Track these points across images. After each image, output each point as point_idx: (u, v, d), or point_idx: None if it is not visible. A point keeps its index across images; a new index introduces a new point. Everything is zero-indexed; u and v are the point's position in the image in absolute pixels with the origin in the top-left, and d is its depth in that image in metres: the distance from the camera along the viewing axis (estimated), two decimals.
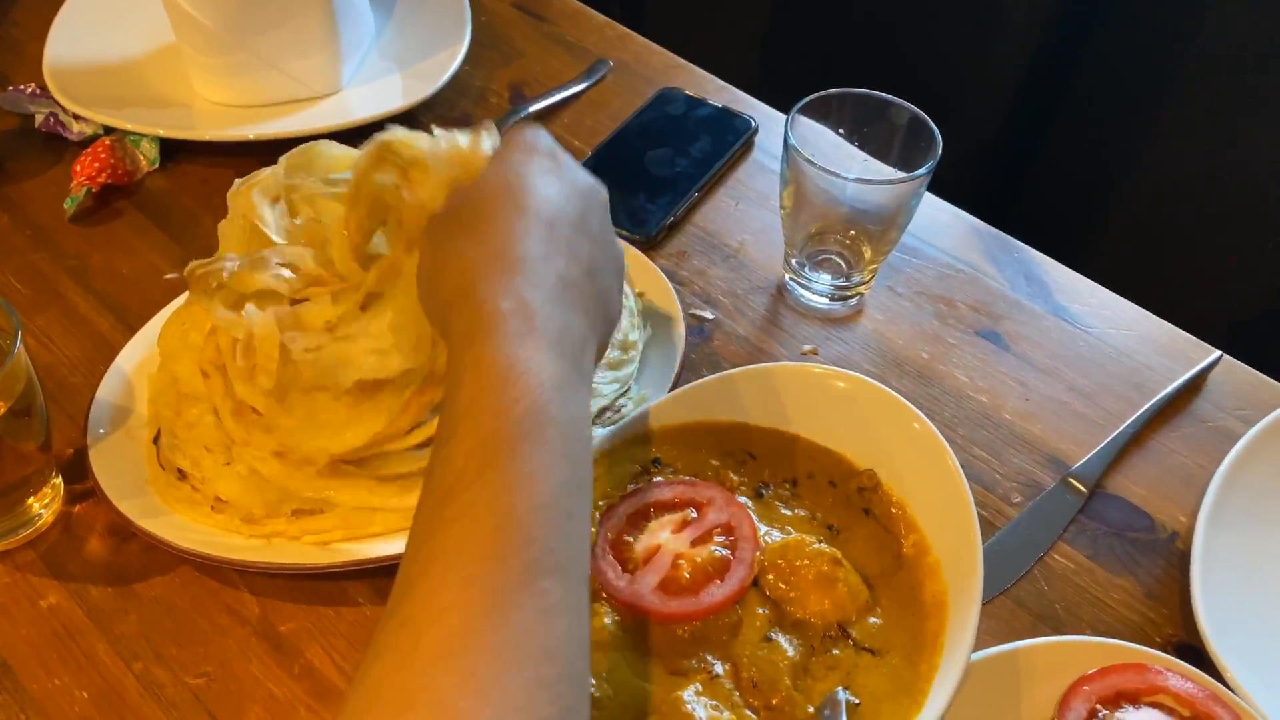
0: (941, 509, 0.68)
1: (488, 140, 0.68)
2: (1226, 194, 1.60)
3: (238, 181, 0.79)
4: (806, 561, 0.65)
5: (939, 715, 0.59)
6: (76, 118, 1.03)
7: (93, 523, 0.75)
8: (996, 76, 1.80)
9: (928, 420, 0.69)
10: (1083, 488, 0.80)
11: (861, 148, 0.90)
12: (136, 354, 0.82)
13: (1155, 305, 0.95)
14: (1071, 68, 1.68)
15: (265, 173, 0.79)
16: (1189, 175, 1.61)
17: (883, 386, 0.72)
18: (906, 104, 0.86)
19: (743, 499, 0.70)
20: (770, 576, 0.65)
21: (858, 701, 0.61)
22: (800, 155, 0.84)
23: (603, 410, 0.79)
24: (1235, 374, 0.90)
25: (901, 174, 0.86)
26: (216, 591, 0.72)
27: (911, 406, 0.70)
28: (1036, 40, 1.66)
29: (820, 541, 0.66)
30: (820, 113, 0.88)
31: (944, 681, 0.60)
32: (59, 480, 0.76)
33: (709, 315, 0.92)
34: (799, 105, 0.86)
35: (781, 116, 0.96)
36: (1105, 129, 1.73)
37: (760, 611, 0.64)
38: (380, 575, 0.73)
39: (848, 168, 0.86)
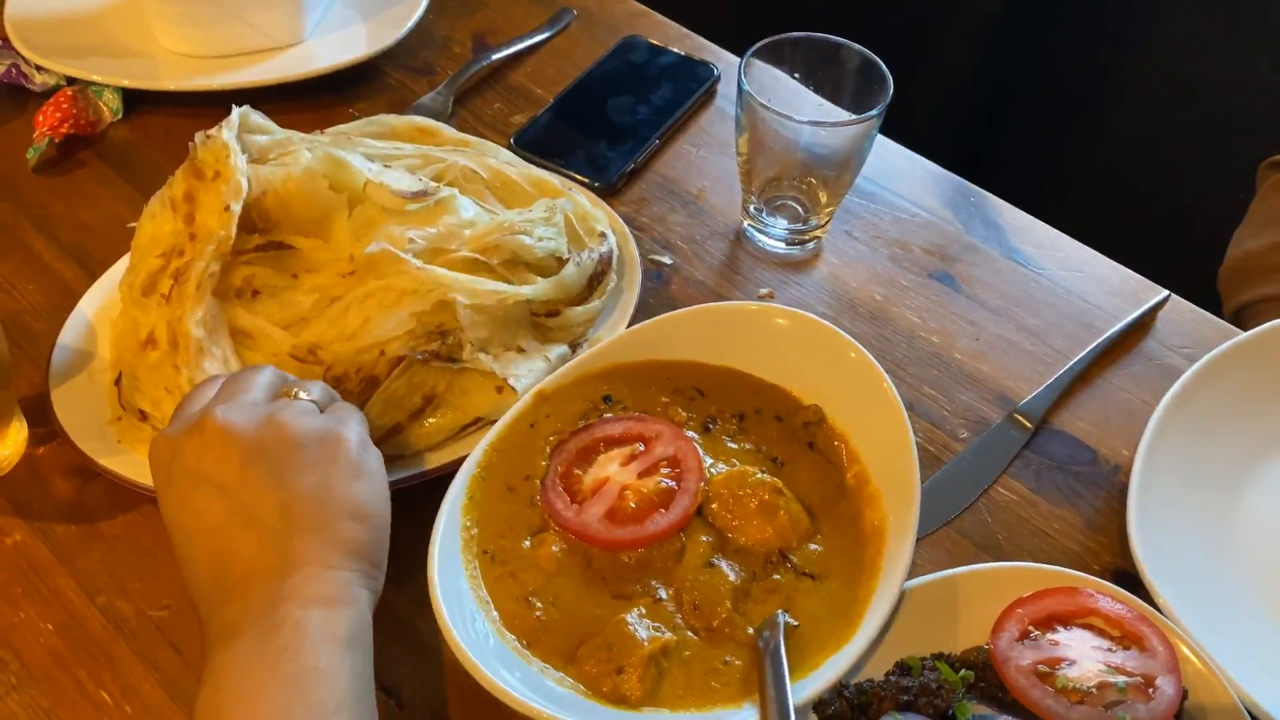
0: (882, 441, 0.69)
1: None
2: (1187, 144, 1.62)
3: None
4: (749, 491, 0.67)
5: (874, 634, 0.61)
6: (39, 69, 1.03)
7: (56, 464, 0.77)
8: (969, 26, 1.80)
9: (864, 350, 0.71)
10: (1028, 423, 0.82)
11: (816, 92, 0.91)
12: (98, 300, 0.83)
13: (1114, 251, 0.96)
14: (1042, 24, 1.69)
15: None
16: (1152, 125, 1.62)
17: (820, 320, 0.74)
18: (858, 46, 0.87)
19: (690, 433, 0.72)
20: (714, 506, 0.67)
21: (796, 623, 0.63)
22: (755, 100, 0.84)
23: (575, 345, 0.80)
24: (1183, 313, 0.91)
25: (854, 116, 0.87)
26: None
27: (848, 337, 0.72)
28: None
29: (763, 472, 0.68)
30: (774, 57, 0.89)
31: (880, 603, 0.62)
32: (23, 423, 0.77)
33: (667, 260, 0.93)
34: (752, 50, 0.87)
35: None
36: (1075, 80, 1.74)
37: (704, 539, 0.66)
38: None
39: (803, 112, 0.87)
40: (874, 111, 0.84)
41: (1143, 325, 0.90)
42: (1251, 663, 0.67)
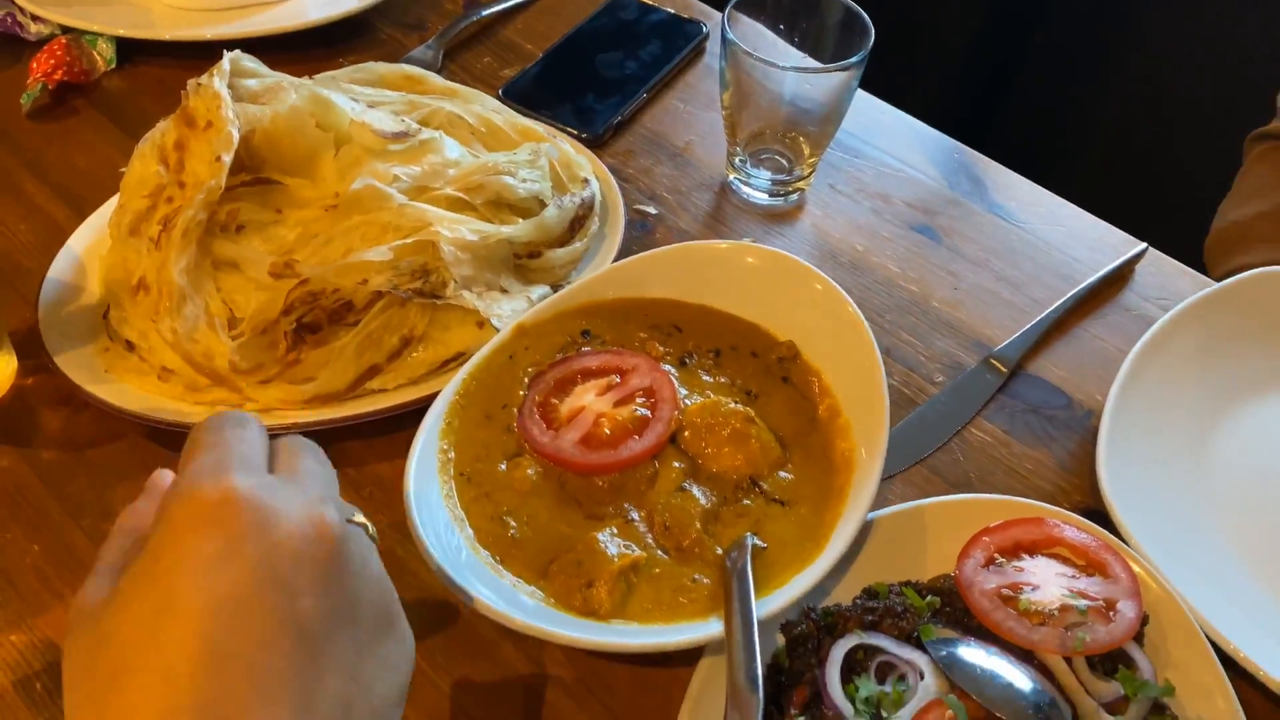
0: (854, 374, 0.71)
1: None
2: (1184, 113, 1.63)
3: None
4: (721, 420, 0.68)
5: (839, 555, 0.63)
6: (34, 18, 1.05)
7: (45, 394, 0.78)
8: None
9: (831, 280, 0.72)
10: (1003, 368, 0.83)
11: (799, 46, 0.92)
12: (88, 237, 0.84)
13: (1107, 214, 0.97)
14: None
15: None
16: (1149, 95, 1.63)
17: (787, 254, 0.75)
18: None
19: (667, 367, 0.73)
20: (688, 434, 0.69)
21: (764, 545, 0.65)
22: (739, 48, 0.85)
23: (556, 286, 0.81)
24: (1161, 266, 0.93)
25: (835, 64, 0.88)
26: (162, 456, 0.75)
27: (816, 270, 0.73)
28: None
29: (736, 402, 0.69)
30: (757, 9, 0.90)
31: (845, 526, 0.64)
32: (12, 355, 0.79)
33: (652, 210, 0.95)
34: (732, 4, 0.88)
35: None
36: (1074, 49, 1.75)
37: (677, 465, 0.67)
38: (322, 440, 0.75)
39: (786, 63, 0.88)
40: (854, 59, 0.85)
41: (1121, 277, 0.91)
42: (1213, 592, 0.68)
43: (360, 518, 0.48)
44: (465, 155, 0.82)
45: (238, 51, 0.83)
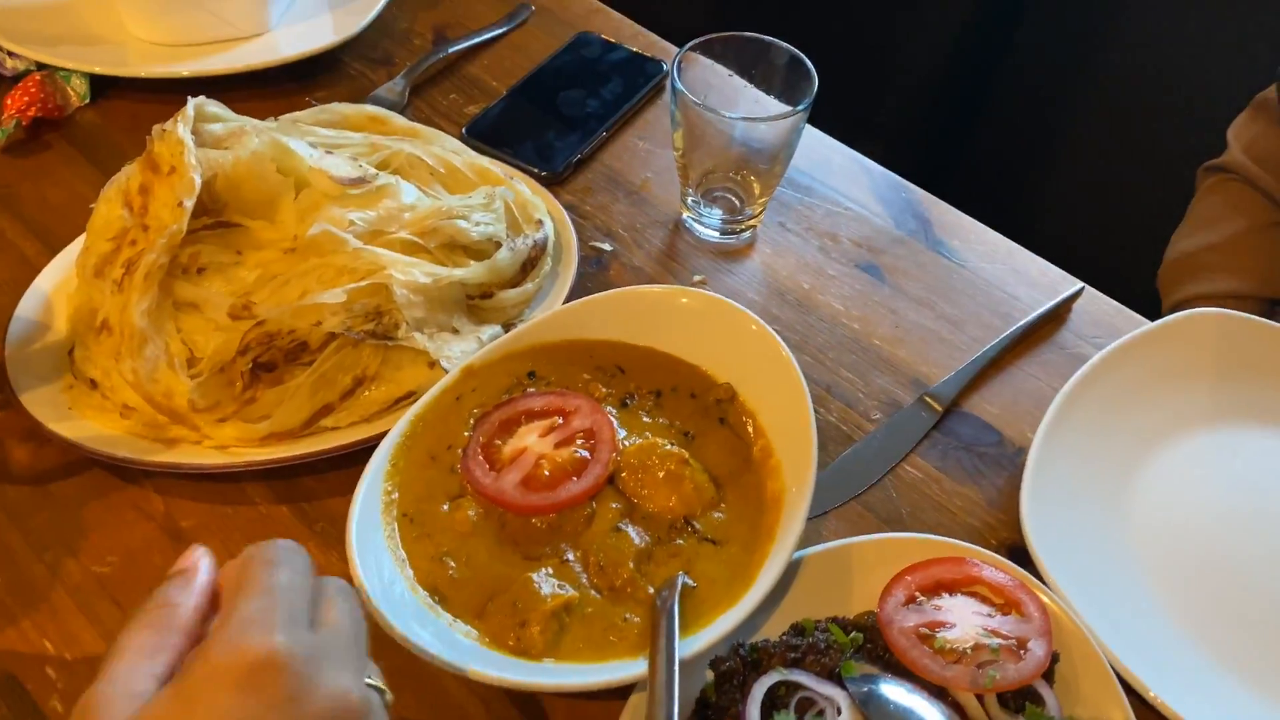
0: (786, 416, 0.74)
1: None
2: (1142, 147, 1.67)
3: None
4: (657, 461, 0.71)
5: (765, 593, 0.66)
6: (10, 54, 1.07)
7: (11, 429, 0.81)
8: (933, 38, 1.85)
9: (764, 323, 0.76)
10: (938, 405, 0.86)
11: (752, 83, 0.95)
12: (56, 275, 0.87)
13: (1064, 253, 1.00)
14: (1006, 33, 1.75)
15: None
16: (1109, 132, 1.67)
17: (721, 297, 0.79)
18: (785, 45, 0.91)
19: (609, 409, 0.76)
20: (625, 475, 0.72)
21: (694, 584, 0.68)
22: (687, 97, 0.88)
23: (508, 325, 0.83)
24: (1098, 305, 0.96)
25: (783, 109, 0.91)
26: (125, 491, 0.78)
27: (748, 312, 0.77)
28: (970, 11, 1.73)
29: (671, 444, 0.72)
30: (709, 54, 0.93)
31: (772, 565, 0.67)
32: None
33: (607, 247, 0.98)
34: (685, 48, 0.91)
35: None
36: (1035, 91, 1.79)
37: (614, 506, 0.70)
38: (277, 477, 0.78)
39: (739, 105, 0.92)
40: (800, 106, 0.88)
41: (1057, 316, 0.94)
42: (1127, 631, 0.71)
43: (378, 681, 0.50)
44: (421, 199, 0.85)
45: (202, 97, 0.86)
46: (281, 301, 0.78)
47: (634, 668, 0.63)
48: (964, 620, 0.67)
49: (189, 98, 0.85)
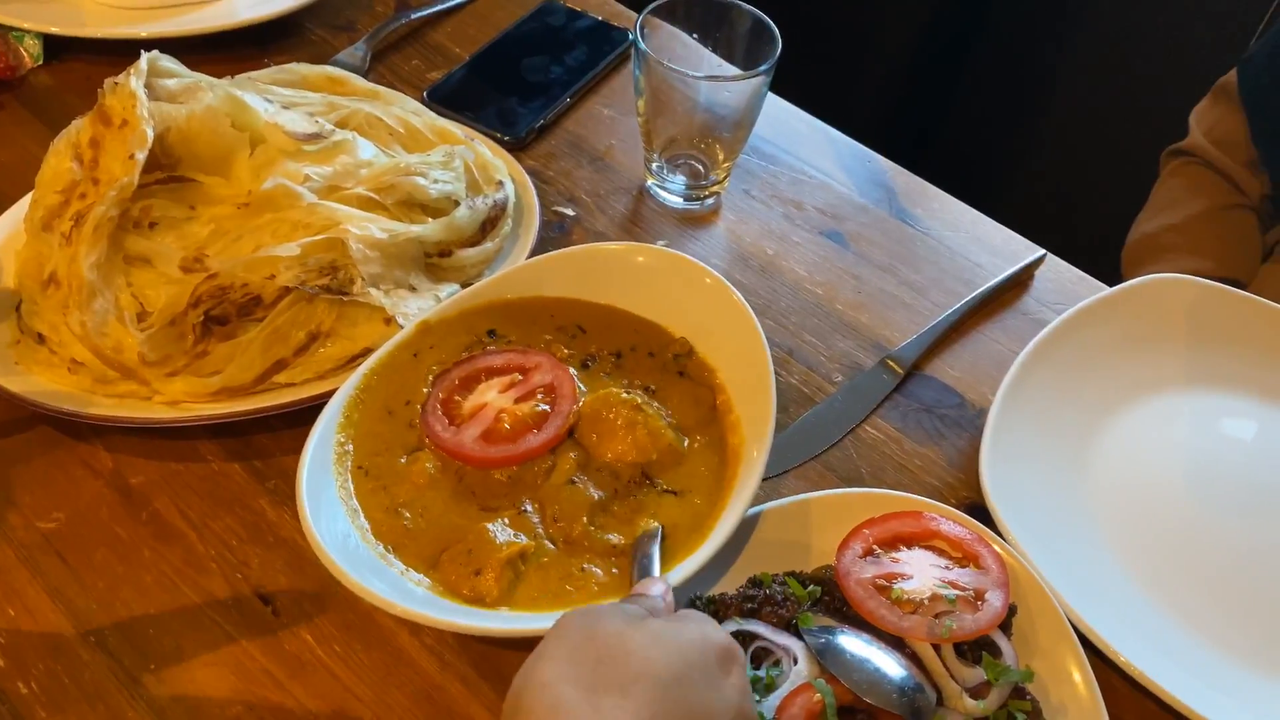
0: (745, 369, 0.73)
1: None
2: (1111, 129, 1.68)
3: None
4: (613, 411, 0.70)
5: (719, 546, 0.65)
6: None
7: None
8: (907, 18, 1.86)
9: (719, 275, 0.75)
10: (899, 368, 0.86)
11: (714, 51, 0.95)
12: (4, 231, 0.85)
13: (1033, 228, 1.00)
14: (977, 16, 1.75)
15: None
16: (1081, 111, 1.68)
17: (675, 251, 0.79)
18: (748, 7, 0.91)
19: (571, 370, 0.75)
20: (583, 426, 0.71)
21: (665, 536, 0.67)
22: (651, 57, 0.88)
23: (466, 285, 0.82)
24: (1060, 272, 0.96)
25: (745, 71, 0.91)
26: (73, 447, 0.76)
27: (703, 265, 0.76)
28: None
29: (627, 392, 0.71)
30: (670, 17, 0.93)
31: (727, 519, 0.66)
32: None
33: (570, 212, 0.97)
34: (646, 10, 0.91)
35: None
36: (1008, 71, 1.80)
37: (572, 457, 0.69)
38: (229, 434, 0.77)
39: (699, 70, 0.91)
40: (763, 67, 0.88)
41: (1021, 282, 0.95)
42: (1083, 584, 0.71)
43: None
44: (379, 156, 0.84)
45: (155, 51, 0.85)
46: (235, 255, 0.77)
47: None
48: (921, 572, 0.67)
49: (142, 52, 0.84)
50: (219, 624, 0.68)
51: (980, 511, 0.76)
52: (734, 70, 0.94)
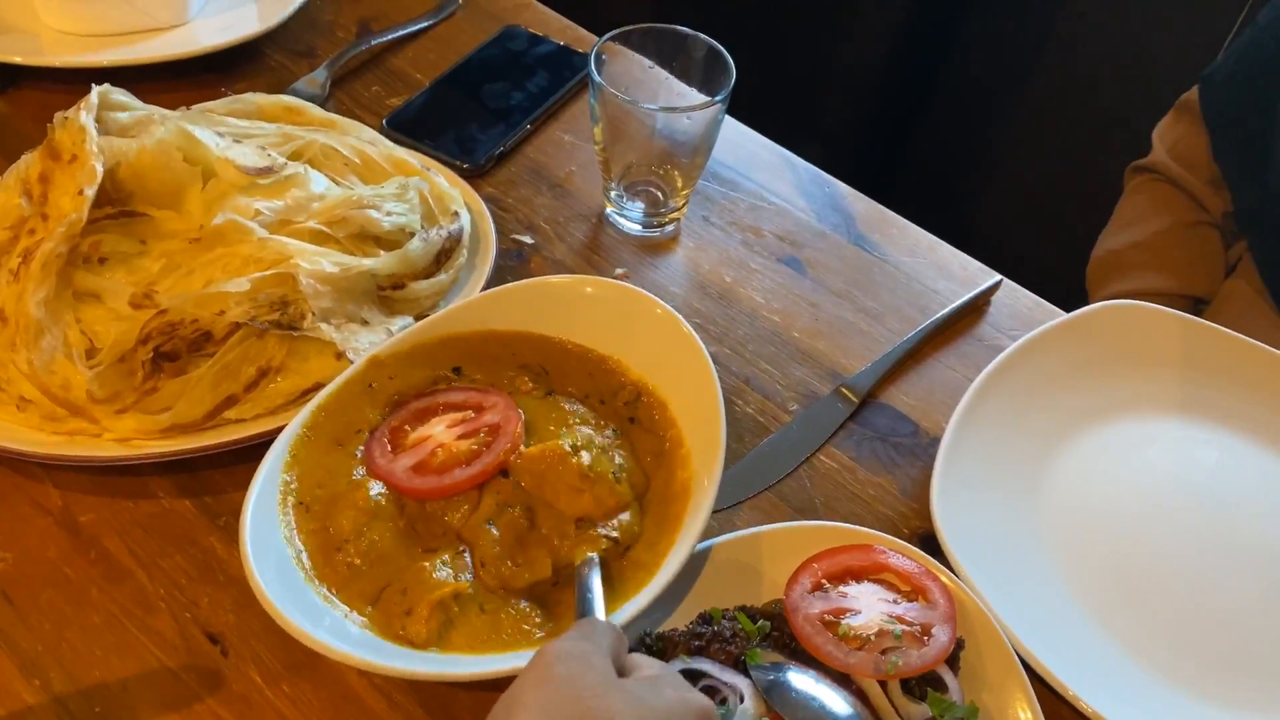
0: (695, 401, 0.73)
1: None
2: (1076, 148, 1.69)
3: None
4: (558, 471, 0.70)
5: (666, 584, 0.65)
6: None
7: None
8: (872, 40, 1.87)
9: (668, 306, 0.76)
10: (854, 397, 0.86)
11: (673, 73, 0.95)
12: None
13: (979, 251, 1.00)
14: (944, 36, 1.77)
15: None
16: (1035, 147, 1.70)
17: (623, 283, 0.79)
18: (703, 37, 0.91)
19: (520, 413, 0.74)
20: (526, 480, 0.70)
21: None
22: (605, 88, 0.88)
23: (421, 318, 0.82)
24: (1017, 298, 0.97)
25: (702, 99, 0.91)
26: (21, 485, 0.76)
27: (651, 296, 0.77)
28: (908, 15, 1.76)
29: (579, 454, 0.70)
30: (628, 43, 0.93)
31: (675, 556, 0.66)
32: None
33: (528, 240, 0.97)
34: (602, 39, 0.91)
35: None
36: (974, 98, 1.81)
37: (497, 495, 0.69)
38: (180, 470, 0.77)
39: (658, 97, 0.91)
40: (719, 97, 0.88)
41: (977, 309, 0.95)
42: (1034, 618, 0.71)
43: None
44: (331, 189, 0.84)
45: (107, 85, 0.84)
46: (185, 291, 0.76)
47: (525, 658, 0.61)
48: (869, 607, 0.67)
49: (94, 85, 0.83)
50: (166, 665, 0.68)
51: (933, 541, 0.76)
52: (692, 95, 0.94)
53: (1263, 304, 1.19)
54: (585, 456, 0.71)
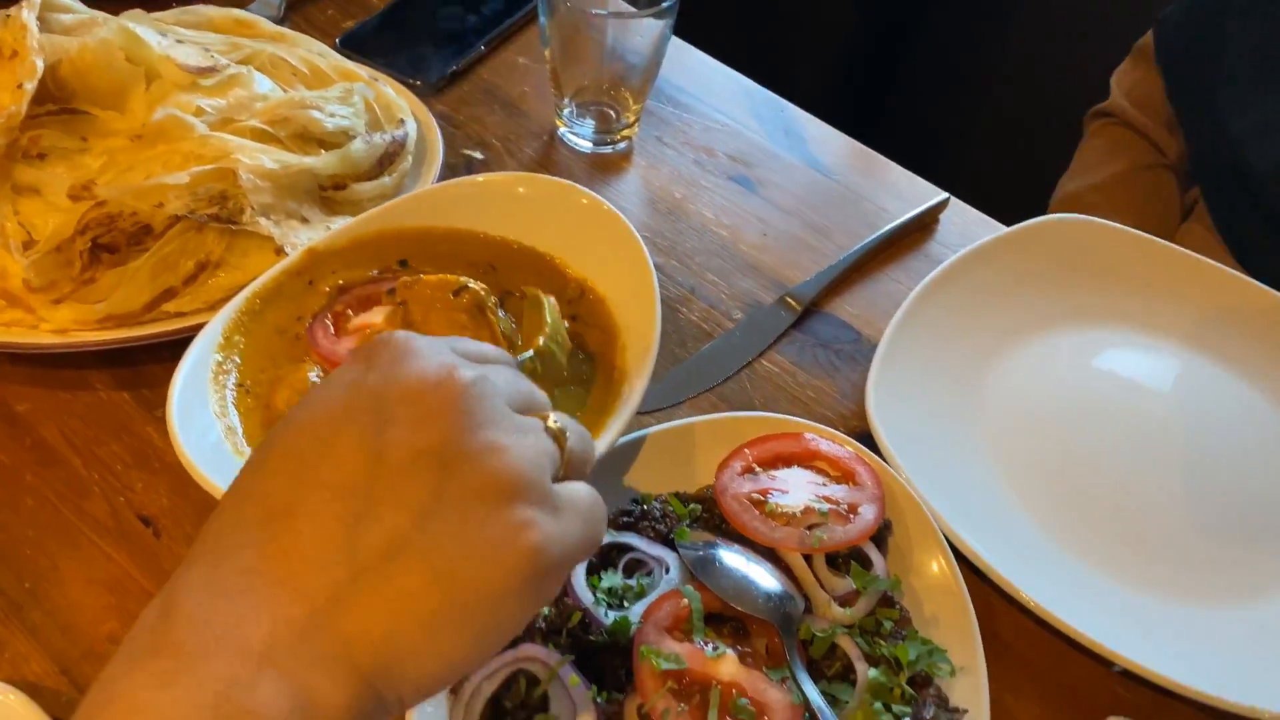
0: (631, 289, 0.74)
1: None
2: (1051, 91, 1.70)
3: None
4: (447, 301, 0.69)
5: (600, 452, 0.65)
6: None
7: None
8: None
9: (596, 195, 0.76)
10: (797, 305, 0.87)
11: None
12: None
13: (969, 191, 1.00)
14: None
15: None
16: (1006, 95, 1.70)
17: (551, 178, 0.79)
18: None
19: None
20: (417, 309, 0.70)
21: None
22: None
23: None
24: (965, 216, 0.97)
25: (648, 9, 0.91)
26: None
27: (579, 186, 0.77)
28: None
29: (478, 296, 0.70)
30: None
31: (604, 436, 0.66)
32: None
33: (478, 155, 0.97)
34: None
35: None
36: (952, 40, 1.81)
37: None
38: (119, 363, 0.77)
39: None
40: (666, 5, 0.88)
41: (925, 227, 0.95)
42: (965, 507, 0.72)
43: (557, 422, 0.45)
44: (275, 90, 0.84)
45: None
46: (125, 185, 0.76)
47: None
48: (798, 489, 0.68)
49: None
50: (98, 545, 0.68)
51: (869, 441, 0.76)
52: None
53: (1217, 247, 1.20)
54: (483, 299, 0.70)
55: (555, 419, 0.45)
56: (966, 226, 0.96)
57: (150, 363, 0.77)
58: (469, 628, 0.40)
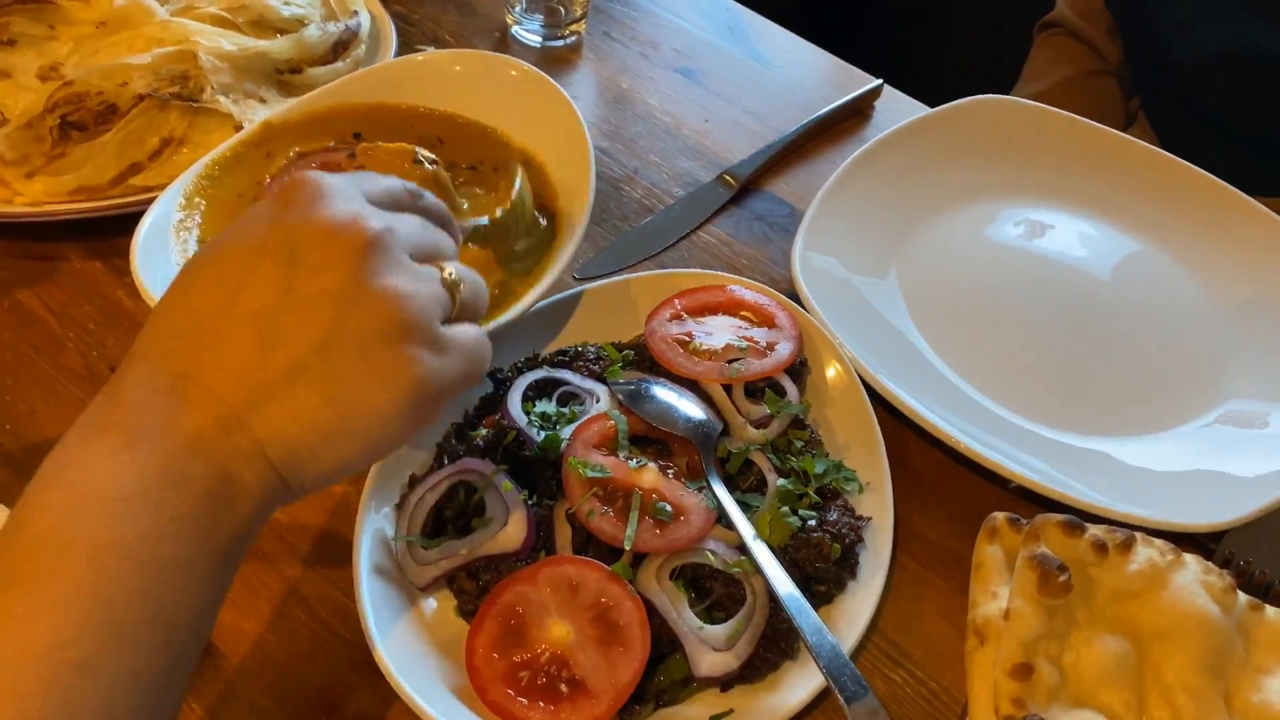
0: (568, 153, 0.78)
1: None
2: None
3: None
4: (403, 170, 0.73)
5: (526, 308, 0.70)
6: None
7: None
8: None
9: (525, 65, 0.81)
10: (734, 182, 0.91)
11: None
12: None
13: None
14: None
15: None
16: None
17: (481, 51, 0.84)
18: None
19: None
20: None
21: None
22: None
23: None
24: (899, 103, 1.02)
25: None
26: None
27: (511, 58, 0.83)
28: None
29: (431, 167, 0.74)
30: None
31: (536, 288, 0.71)
32: None
33: (430, 49, 1.01)
34: None
35: None
36: None
37: None
38: (92, 235, 0.82)
39: None
40: None
41: (861, 113, 1.00)
42: (882, 352, 0.77)
43: (454, 273, 0.51)
44: None
45: None
46: (91, 65, 0.81)
47: None
48: (721, 331, 0.73)
49: None
50: (73, 392, 0.73)
51: (797, 301, 0.81)
52: None
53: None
54: (435, 169, 0.74)
55: (451, 269, 0.52)
56: (901, 112, 1.01)
57: (120, 234, 0.82)
58: (358, 440, 0.48)
